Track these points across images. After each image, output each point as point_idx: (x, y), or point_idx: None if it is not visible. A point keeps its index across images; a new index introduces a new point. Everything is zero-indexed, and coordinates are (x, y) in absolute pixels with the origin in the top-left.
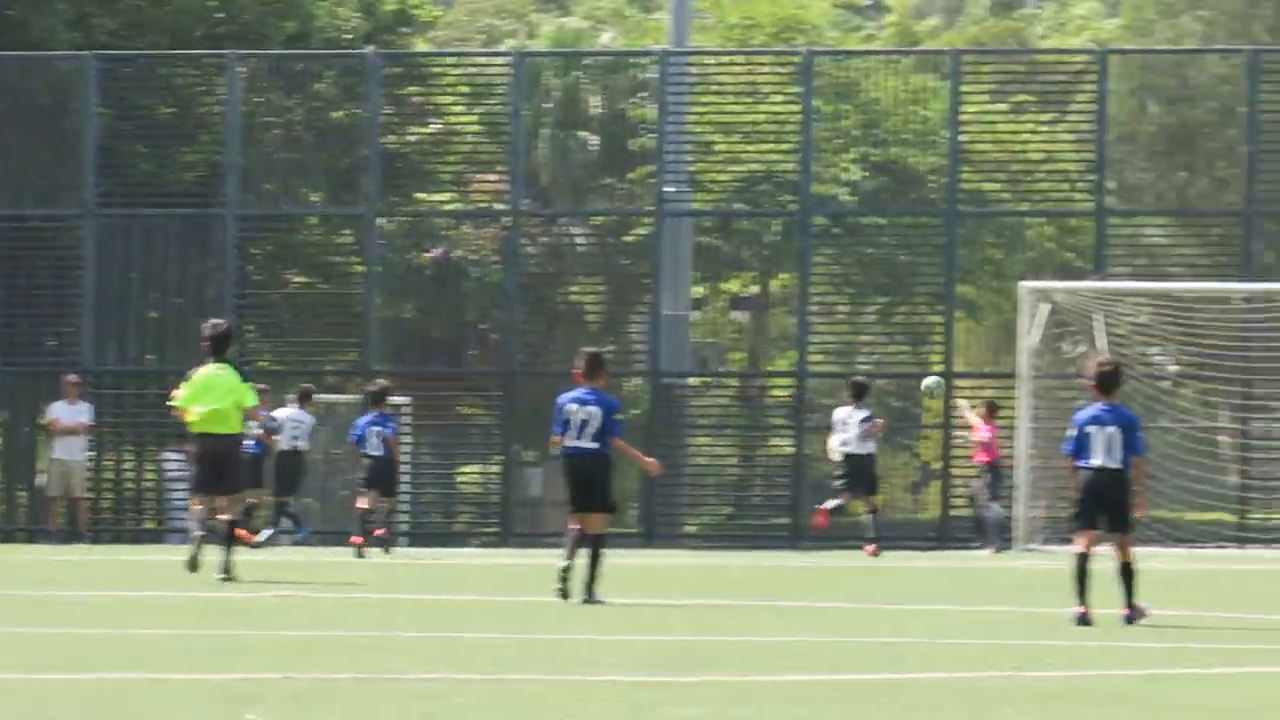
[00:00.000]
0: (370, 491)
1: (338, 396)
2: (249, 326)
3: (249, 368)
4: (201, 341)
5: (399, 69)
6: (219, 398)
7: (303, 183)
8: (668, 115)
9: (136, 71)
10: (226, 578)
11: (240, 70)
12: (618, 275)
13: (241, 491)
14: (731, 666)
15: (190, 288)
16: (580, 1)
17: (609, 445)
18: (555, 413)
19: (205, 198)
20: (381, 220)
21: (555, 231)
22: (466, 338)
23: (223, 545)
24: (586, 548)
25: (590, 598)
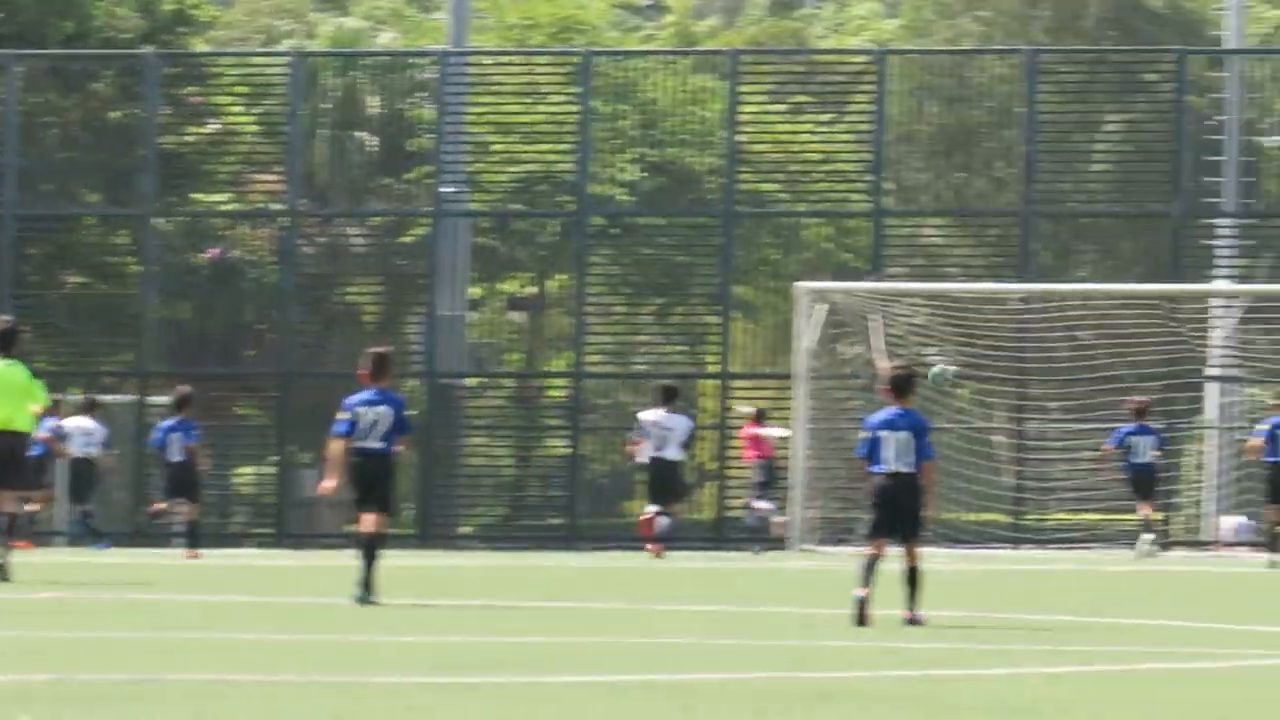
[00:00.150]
0: (172, 498)
1: (114, 397)
2: (24, 327)
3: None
4: None
5: (177, 69)
6: (7, 395)
7: (80, 183)
8: (446, 115)
9: None
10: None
11: (18, 70)
12: (395, 276)
13: (29, 490)
14: (511, 668)
15: None
16: (359, 1)
17: (395, 446)
18: (342, 413)
19: None
20: (158, 220)
21: (332, 232)
22: (243, 338)
23: None
24: (362, 548)
25: (366, 598)
